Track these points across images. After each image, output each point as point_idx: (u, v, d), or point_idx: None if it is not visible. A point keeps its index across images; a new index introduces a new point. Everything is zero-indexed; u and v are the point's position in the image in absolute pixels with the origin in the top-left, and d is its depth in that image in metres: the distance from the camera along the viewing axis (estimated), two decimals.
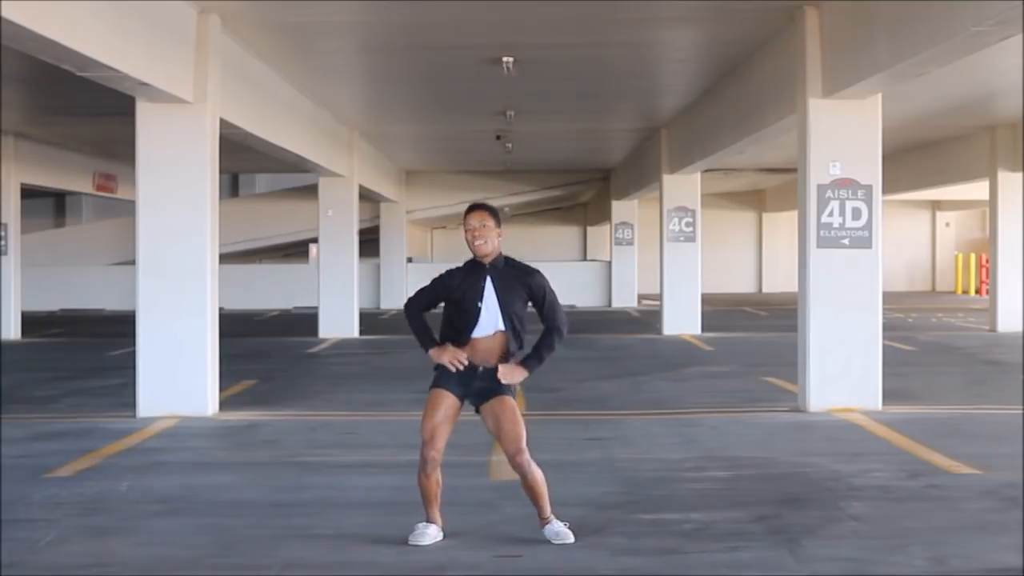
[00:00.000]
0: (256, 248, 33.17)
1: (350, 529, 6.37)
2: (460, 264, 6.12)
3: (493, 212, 6.03)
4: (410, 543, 5.95)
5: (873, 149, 10.89)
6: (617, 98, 17.92)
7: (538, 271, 6.09)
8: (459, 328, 5.95)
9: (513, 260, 6.07)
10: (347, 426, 10.21)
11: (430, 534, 6.00)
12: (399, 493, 7.30)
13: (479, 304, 5.89)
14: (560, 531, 5.99)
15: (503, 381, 5.92)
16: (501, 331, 5.93)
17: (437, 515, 6.08)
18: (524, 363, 5.98)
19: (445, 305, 6.06)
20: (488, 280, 5.94)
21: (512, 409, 5.93)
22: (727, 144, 15.84)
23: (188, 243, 10.84)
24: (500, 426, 5.91)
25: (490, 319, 5.92)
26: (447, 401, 5.94)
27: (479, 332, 5.91)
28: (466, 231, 5.99)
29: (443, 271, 6.14)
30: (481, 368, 5.94)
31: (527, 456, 5.94)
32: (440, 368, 5.98)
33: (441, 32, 12.46)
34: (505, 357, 5.94)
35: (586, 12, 11.38)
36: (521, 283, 5.98)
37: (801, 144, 11.11)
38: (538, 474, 5.98)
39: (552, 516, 6.04)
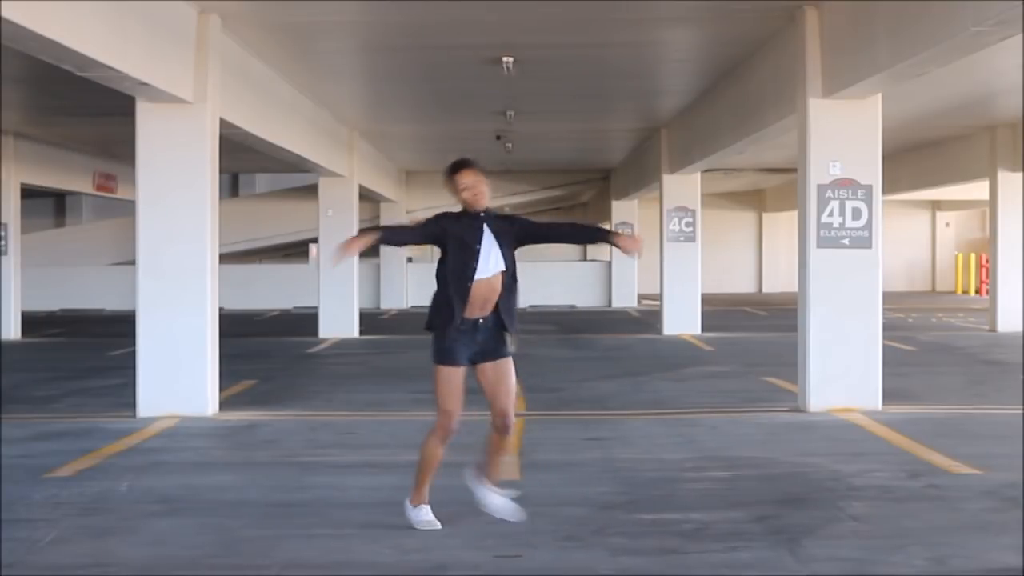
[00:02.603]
0: (256, 248, 33.17)
1: (350, 529, 6.37)
2: (451, 210, 6.28)
3: (480, 166, 6.28)
4: (421, 527, 6.22)
5: (873, 149, 10.89)
6: (617, 98, 17.92)
7: (515, 215, 6.48)
8: (461, 271, 6.05)
9: (493, 211, 6.27)
10: (347, 426, 10.21)
11: (431, 515, 6.26)
12: (399, 493, 7.28)
13: (478, 245, 6.06)
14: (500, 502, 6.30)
15: (631, 250, 6.35)
16: (501, 272, 6.11)
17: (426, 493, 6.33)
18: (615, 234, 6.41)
19: (443, 253, 6.17)
20: (484, 225, 6.14)
21: (510, 368, 6.21)
22: (727, 144, 15.84)
23: (188, 243, 10.84)
24: (501, 381, 6.16)
25: (491, 260, 6.09)
26: (459, 375, 6.11)
27: (481, 274, 6.06)
28: (462, 189, 6.16)
29: (436, 213, 6.28)
30: (480, 320, 6.09)
31: (513, 414, 6.23)
32: (440, 340, 6.10)
33: (441, 32, 12.46)
34: (499, 302, 6.11)
35: (586, 12, 11.38)
36: (510, 227, 6.24)
37: (801, 144, 11.11)
38: (512, 439, 6.38)
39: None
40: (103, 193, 26.34)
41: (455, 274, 6.08)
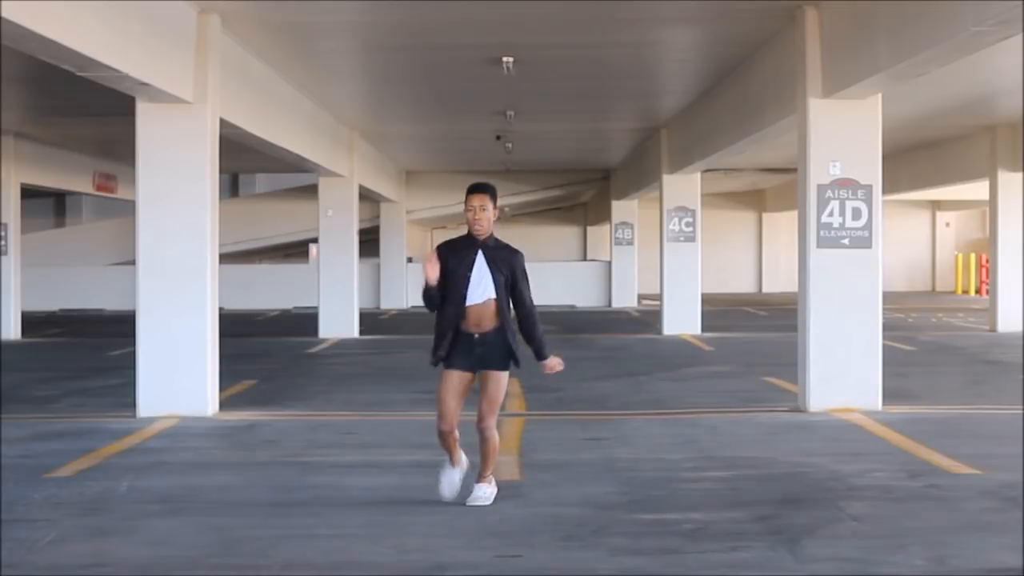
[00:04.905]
0: (256, 248, 33.17)
1: (350, 529, 6.37)
2: (455, 236, 6.92)
3: (493, 194, 6.78)
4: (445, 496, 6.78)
5: (873, 149, 10.89)
6: (617, 98, 17.93)
7: (520, 252, 6.87)
8: (453, 296, 6.66)
9: (499, 240, 6.84)
10: (347, 426, 10.21)
11: (456, 478, 6.83)
12: (399, 493, 7.30)
13: (469, 273, 6.65)
14: (485, 495, 6.79)
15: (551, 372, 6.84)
16: (492, 298, 6.67)
17: (459, 457, 6.86)
18: (545, 353, 6.83)
19: (442, 276, 6.74)
20: (479, 253, 6.70)
21: (501, 382, 6.75)
22: (727, 144, 15.84)
23: (188, 243, 10.84)
24: (486, 390, 6.73)
25: (481, 288, 6.66)
26: (452, 376, 6.69)
27: (471, 300, 6.65)
28: (467, 209, 6.74)
29: (440, 243, 6.92)
30: (476, 335, 6.67)
31: (493, 423, 6.74)
32: (444, 349, 6.69)
33: (441, 32, 12.46)
34: (499, 322, 6.67)
35: (586, 12, 11.38)
36: (506, 260, 6.75)
37: (801, 144, 11.11)
38: (495, 439, 6.80)
39: (490, 478, 6.87)
40: (103, 193, 26.34)
41: (450, 300, 6.67)
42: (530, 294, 6.79)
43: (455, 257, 6.69)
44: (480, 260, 6.66)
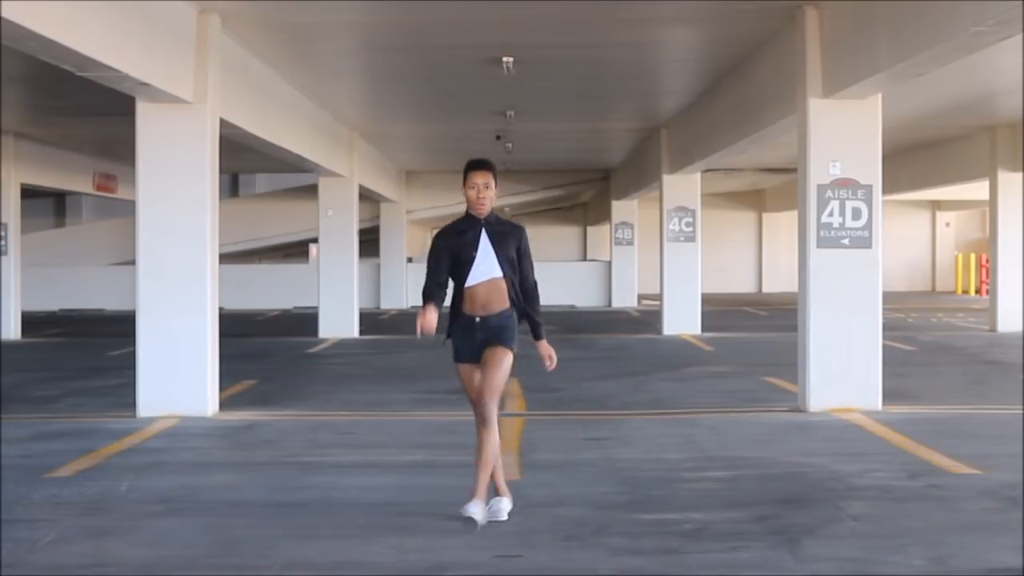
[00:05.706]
0: (256, 248, 33.18)
1: (350, 529, 6.37)
2: (451, 221, 6.52)
3: (494, 171, 6.47)
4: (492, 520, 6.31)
5: (873, 149, 10.89)
6: (617, 98, 17.93)
7: (522, 227, 6.56)
8: (457, 277, 6.38)
9: (500, 217, 6.52)
10: (347, 426, 10.21)
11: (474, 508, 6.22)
12: (399, 493, 7.30)
13: (474, 254, 6.32)
14: (504, 508, 6.42)
15: (551, 367, 6.39)
16: (498, 278, 6.34)
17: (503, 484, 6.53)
18: (541, 333, 6.46)
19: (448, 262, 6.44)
20: (483, 232, 6.37)
21: (502, 358, 6.32)
22: (727, 144, 15.84)
23: (188, 243, 10.84)
24: (485, 366, 6.33)
25: (486, 267, 6.34)
26: (467, 370, 6.43)
27: (474, 280, 6.33)
28: (468, 188, 6.38)
29: (436, 232, 6.54)
30: (478, 319, 6.36)
31: (493, 406, 6.28)
32: (452, 341, 6.47)
33: (441, 32, 12.46)
34: (508, 303, 6.35)
35: (586, 12, 11.38)
36: (511, 236, 6.43)
37: (801, 144, 11.12)
38: (495, 443, 6.29)
39: (505, 489, 6.55)
40: (103, 193, 26.34)
41: (455, 278, 6.41)
42: (533, 273, 6.46)
43: (457, 241, 6.35)
44: (484, 239, 6.32)
